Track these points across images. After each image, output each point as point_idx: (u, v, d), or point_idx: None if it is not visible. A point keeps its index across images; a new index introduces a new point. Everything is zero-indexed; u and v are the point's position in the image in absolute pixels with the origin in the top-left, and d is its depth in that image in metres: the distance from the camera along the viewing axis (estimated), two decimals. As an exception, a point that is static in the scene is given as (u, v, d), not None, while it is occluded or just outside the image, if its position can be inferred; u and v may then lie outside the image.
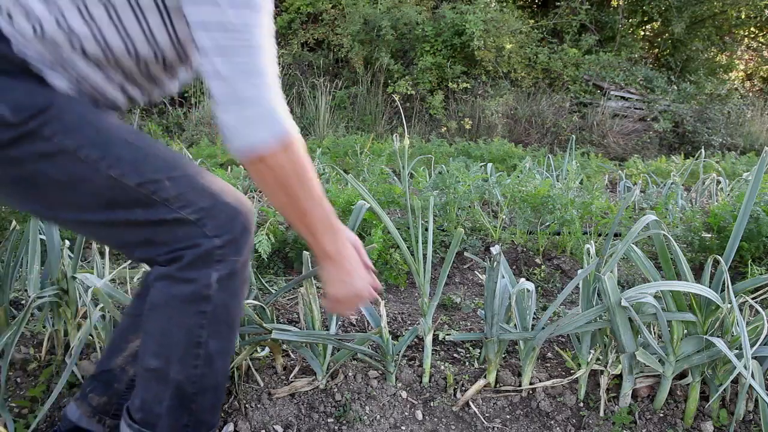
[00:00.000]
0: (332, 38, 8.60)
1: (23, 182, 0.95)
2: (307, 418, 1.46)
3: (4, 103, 0.87)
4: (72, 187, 0.94)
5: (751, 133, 8.35)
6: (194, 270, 1.00)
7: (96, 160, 0.93)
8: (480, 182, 3.23)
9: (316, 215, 1.00)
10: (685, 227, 2.77)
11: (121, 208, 0.96)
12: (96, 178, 0.93)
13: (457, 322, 2.08)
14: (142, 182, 0.95)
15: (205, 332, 1.04)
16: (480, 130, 7.69)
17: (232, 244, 1.01)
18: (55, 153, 0.91)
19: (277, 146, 0.90)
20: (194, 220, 0.98)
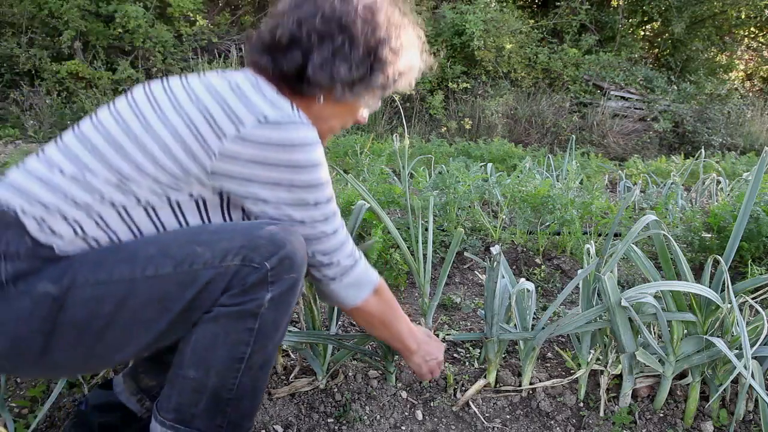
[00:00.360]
0: (332, 38, 8.60)
1: (85, 333, 0.95)
2: (307, 418, 1.46)
3: (47, 280, 0.93)
4: (126, 309, 0.95)
5: (751, 133, 8.35)
6: (248, 295, 1.00)
7: (129, 273, 0.95)
8: (480, 182, 3.24)
9: (404, 331, 1.30)
10: (685, 227, 2.77)
11: (173, 299, 0.97)
12: (138, 288, 0.95)
13: (457, 322, 2.08)
14: (176, 264, 0.96)
15: (250, 348, 1.04)
16: (480, 130, 7.69)
17: (284, 263, 1.01)
18: (94, 292, 0.94)
19: (373, 296, 1.18)
20: (239, 262, 0.98)
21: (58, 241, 0.96)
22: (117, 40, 7.85)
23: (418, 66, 1.20)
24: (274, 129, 0.98)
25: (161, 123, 0.99)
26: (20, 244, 0.93)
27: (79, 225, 0.97)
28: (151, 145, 0.98)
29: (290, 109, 1.01)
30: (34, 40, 7.59)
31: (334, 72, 1.05)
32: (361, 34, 1.06)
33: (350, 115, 1.20)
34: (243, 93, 1.00)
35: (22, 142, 6.42)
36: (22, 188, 0.97)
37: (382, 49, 1.09)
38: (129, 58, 7.83)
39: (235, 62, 7.39)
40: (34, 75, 7.50)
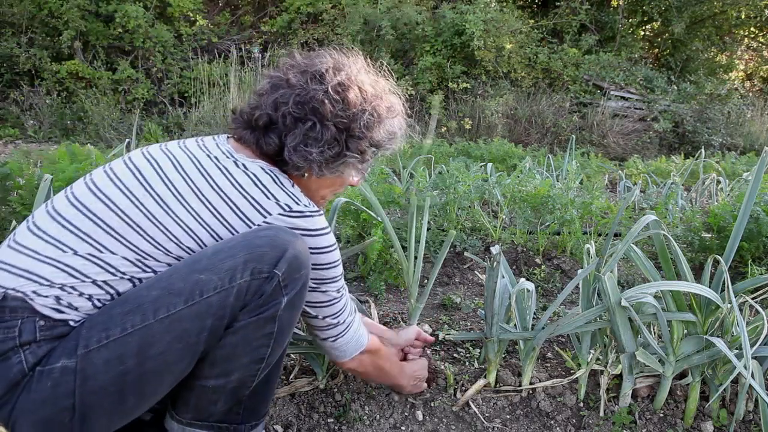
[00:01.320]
0: (332, 38, 8.60)
1: (115, 394, 0.94)
2: (307, 418, 1.46)
3: (63, 356, 0.92)
4: (149, 357, 0.94)
5: (751, 133, 8.35)
6: (265, 305, 1.03)
7: (141, 321, 0.94)
8: (480, 182, 3.23)
9: (396, 374, 1.46)
10: (685, 227, 2.77)
11: (195, 333, 0.97)
12: (155, 333, 0.94)
13: (457, 322, 2.08)
14: (187, 298, 0.96)
15: (270, 349, 1.07)
16: (480, 130, 7.68)
17: (292, 265, 1.03)
18: (112, 351, 0.93)
19: (366, 351, 1.32)
20: (249, 277, 1.00)
21: (74, 314, 0.96)
22: (117, 40, 7.85)
23: (401, 132, 1.23)
24: (298, 218, 1.08)
25: (184, 209, 1.03)
26: (34, 330, 0.93)
27: (97, 298, 0.98)
28: (175, 228, 1.02)
29: (308, 202, 1.12)
30: (34, 40, 7.59)
31: (306, 154, 1.10)
32: (330, 115, 1.10)
33: (338, 185, 1.25)
34: (265, 186, 1.08)
35: (22, 142, 6.42)
36: (31, 272, 0.96)
37: (355, 126, 1.12)
38: (129, 58, 7.83)
39: (236, 62, 7.39)
40: (34, 75, 7.51)
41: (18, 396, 0.90)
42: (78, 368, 0.91)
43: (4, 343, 0.91)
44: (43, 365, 0.91)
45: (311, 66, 1.14)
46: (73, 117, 7.11)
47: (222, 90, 7.16)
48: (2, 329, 0.92)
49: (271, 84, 1.15)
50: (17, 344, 0.91)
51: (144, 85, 7.62)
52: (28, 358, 0.91)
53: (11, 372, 0.90)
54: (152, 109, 7.74)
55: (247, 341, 1.03)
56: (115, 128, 6.77)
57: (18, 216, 2.16)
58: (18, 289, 0.94)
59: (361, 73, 1.18)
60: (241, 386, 1.09)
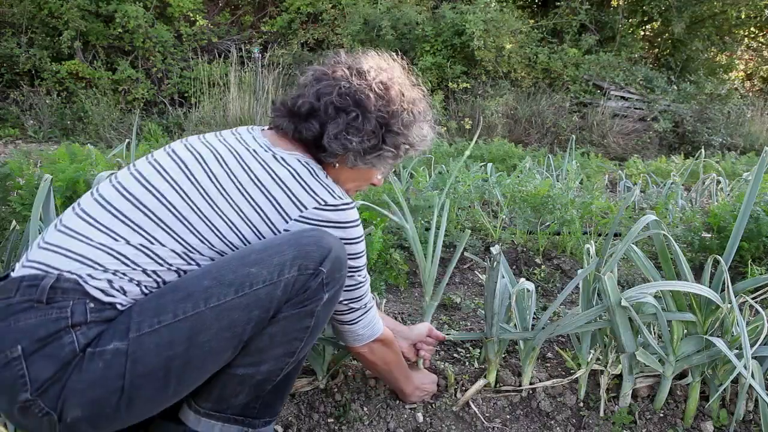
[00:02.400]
0: (332, 38, 8.61)
1: (162, 378, 0.97)
2: (307, 418, 1.46)
3: (115, 339, 0.96)
4: (197, 344, 0.98)
5: (751, 133, 8.35)
6: (308, 299, 1.07)
7: (193, 308, 0.98)
8: (480, 182, 3.23)
9: (402, 373, 1.47)
10: (685, 227, 2.77)
11: (242, 323, 1.01)
12: (206, 320, 0.98)
13: (457, 322, 2.08)
14: (237, 289, 1.00)
15: (303, 343, 1.11)
16: (480, 130, 7.68)
17: (335, 264, 1.08)
18: (163, 336, 0.96)
19: (380, 339, 1.34)
20: (296, 273, 1.04)
21: (122, 299, 1.01)
22: (117, 40, 7.85)
23: (430, 136, 1.29)
24: (332, 211, 1.12)
25: (228, 203, 1.07)
26: (85, 311, 0.96)
27: (144, 285, 1.03)
28: (219, 223, 1.06)
29: (342, 193, 1.16)
30: (34, 40, 7.59)
31: (347, 142, 1.15)
32: (374, 109, 1.16)
33: (364, 180, 1.30)
34: (303, 180, 1.12)
35: (22, 142, 6.42)
36: (87, 257, 1.00)
37: (394, 123, 1.19)
38: (129, 57, 7.83)
39: (236, 62, 7.39)
40: (34, 75, 7.51)
41: (69, 375, 0.92)
42: (129, 351, 0.94)
43: (57, 323, 0.94)
44: (94, 347, 0.94)
45: (356, 63, 1.21)
46: (73, 117, 7.11)
47: (222, 90, 7.16)
48: (56, 309, 0.95)
49: (315, 77, 1.20)
50: (69, 324, 0.94)
51: (144, 85, 7.62)
52: (80, 339, 0.94)
53: (63, 351, 0.92)
54: (152, 109, 7.74)
55: (285, 332, 1.08)
56: (115, 128, 6.77)
57: (18, 216, 2.16)
58: (73, 271, 0.98)
59: (402, 76, 1.26)
60: (267, 380, 1.12)
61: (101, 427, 0.98)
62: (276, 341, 1.08)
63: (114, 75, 7.57)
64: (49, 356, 0.92)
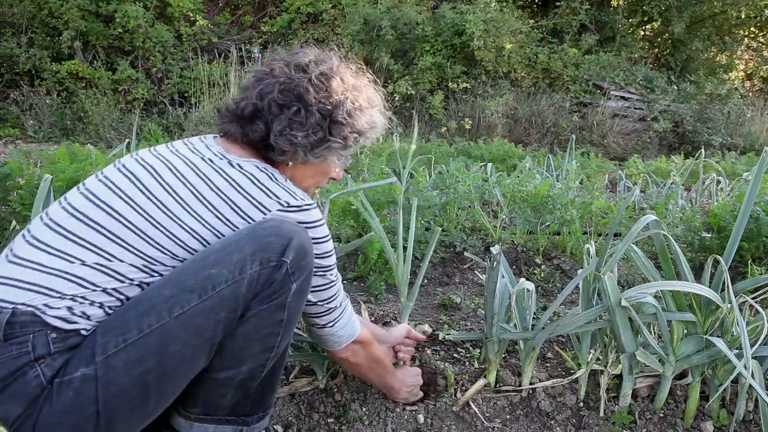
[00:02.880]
0: (332, 38, 8.60)
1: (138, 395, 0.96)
2: (307, 418, 1.46)
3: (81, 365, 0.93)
4: (168, 356, 0.96)
5: (751, 133, 8.35)
6: (276, 293, 1.05)
7: (157, 320, 0.96)
8: (480, 182, 3.23)
9: (388, 371, 1.46)
10: (685, 227, 2.77)
11: (210, 327, 1.00)
12: (173, 330, 0.96)
13: (457, 322, 2.08)
14: (200, 293, 0.98)
15: (280, 337, 1.10)
16: (480, 130, 7.68)
17: (299, 253, 1.06)
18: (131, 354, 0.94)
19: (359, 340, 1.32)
20: (259, 267, 1.02)
21: (86, 323, 0.97)
22: (117, 40, 7.85)
23: (381, 123, 1.28)
24: (295, 212, 1.11)
25: (186, 213, 1.05)
26: (47, 343, 0.93)
27: (108, 305, 1.00)
28: (179, 232, 1.04)
29: (304, 195, 1.15)
30: (34, 40, 7.59)
31: (292, 137, 1.14)
32: (314, 101, 1.15)
33: (322, 175, 1.28)
34: (263, 184, 1.11)
35: (22, 142, 6.42)
36: (41, 285, 0.96)
37: (337, 113, 1.17)
38: (129, 57, 7.83)
39: (236, 62, 7.39)
40: (34, 75, 7.51)
41: (40, 410, 0.90)
42: (99, 375, 0.92)
43: (19, 359, 0.91)
44: (62, 376, 0.91)
45: (294, 59, 1.20)
46: (73, 117, 7.11)
47: (222, 90, 7.16)
48: (15, 345, 0.91)
49: (256, 77, 1.20)
50: (32, 359, 0.91)
51: (144, 85, 7.62)
52: (45, 372, 0.91)
53: (29, 387, 0.90)
54: (152, 109, 7.74)
55: (258, 330, 1.06)
56: (115, 128, 6.77)
57: (18, 216, 2.16)
58: (28, 303, 0.94)
59: (342, 66, 1.24)
60: (251, 377, 1.11)
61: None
62: (251, 340, 1.06)
63: (114, 75, 7.57)
64: (15, 395, 0.90)
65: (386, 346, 1.58)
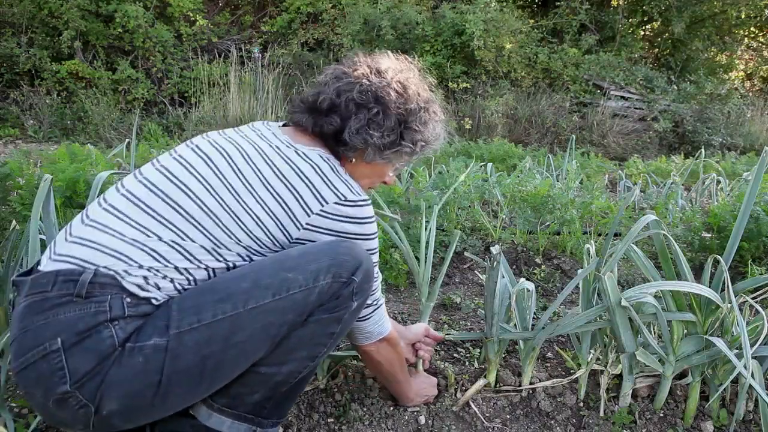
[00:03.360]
0: (332, 38, 8.60)
1: (197, 375, 1.00)
2: (307, 418, 1.46)
3: (155, 335, 0.98)
4: (233, 345, 1.01)
5: (751, 133, 8.35)
6: (338, 306, 1.11)
7: (232, 309, 1.01)
8: (480, 182, 3.23)
9: (404, 376, 1.46)
10: (685, 227, 2.77)
11: (277, 325, 1.05)
12: (244, 321, 1.01)
13: (457, 321, 2.08)
14: (275, 293, 1.03)
15: (326, 348, 1.15)
16: (480, 130, 7.68)
17: (366, 275, 1.13)
18: (202, 334, 0.99)
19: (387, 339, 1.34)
20: (331, 280, 1.08)
21: (157, 294, 1.03)
22: (117, 40, 7.85)
23: (443, 135, 1.33)
24: (351, 207, 1.15)
25: (253, 198, 1.09)
26: (123, 306, 0.98)
27: (178, 282, 1.05)
28: (245, 217, 1.08)
29: (360, 189, 1.19)
30: (34, 40, 7.58)
31: (368, 137, 1.19)
32: (393, 106, 1.20)
33: (378, 177, 1.33)
34: (324, 174, 1.15)
35: (22, 142, 6.42)
36: (122, 252, 1.02)
37: (412, 120, 1.23)
38: (129, 57, 7.83)
39: (236, 62, 7.38)
40: (34, 75, 7.50)
41: (108, 369, 0.94)
42: (169, 347, 0.96)
43: (96, 317, 0.96)
44: (134, 341, 0.96)
45: (375, 63, 1.26)
46: (73, 117, 7.11)
47: (222, 90, 7.16)
48: (94, 303, 0.97)
49: (334, 75, 1.24)
50: (108, 318, 0.96)
51: (144, 85, 7.62)
52: (119, 333, 0.96)
53: (103, 345, 0.95)
54: (152, 109, 7.74)
55: (312, 336, 1.12)
56: (115, 128, 6.77)
57: (18, 216, 2.16)
58: (110, 267, 1.00)
59: (417, 77, 1.30)
60: (285, 381, 1.15)
61: (133, 420, 1.00)
62: (303, 343, 1.11)
63: (114, 75, 7.57)
64: (88, 349, 0.94)
65: (405, 343, 1.60)
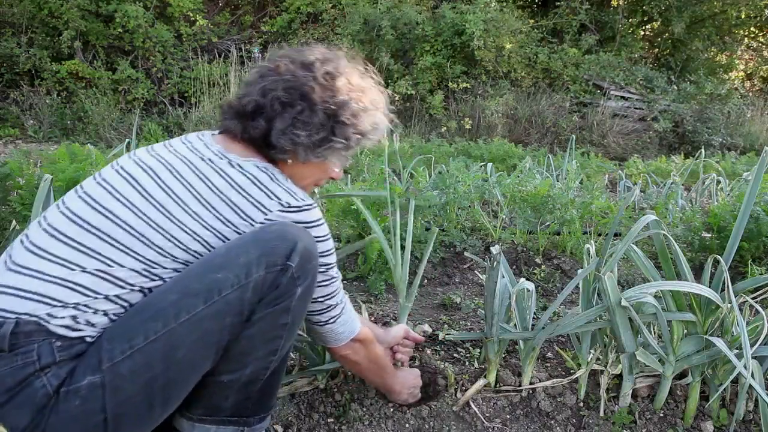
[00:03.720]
0: (332, 38, 8.60)
1: (144, 401, 0.96)
2: (307, 418, 1.46)
3: (87, 373, 0.92)
4: (175, 361, 0.96)
5: (751, 133, 8.35)
6: (281, 297, 1.05)
7: (163, 326, 0.95)
8: (480, 182, 3.23)
9: (388, 371, 1.45)
10: (685, 227, 2.77)
11: (216, 331, 0.99)
12: (179, 336, 0.95)
13: (457, 322, 2.08)
14: (206, 298, 0.97)
15: (283, 340, 1.10)
16: (480, 130, 7.68)
17: (303, 256, 1.05)
18: (138, 360, 0.94)
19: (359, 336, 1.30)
20: (264, 272, 1.02)
21: (91, 331, 0.96)
22: (117, 40, 7.85)
23: (384, 125, 1.26)
24: (296, 212, 1.10)
25: (186, 214, 1.03)
26: (52, 351, 0.92)
27: (112, 313, 0.99)
28: (179, 234, 1.02)
29: (304, 195, 1.13)
30: (34, 40, 7.58)
31: (294, 137, 1.12)
32: (320, 100, 1.12)
33: (321, 174, 1.25)
34: (263, 185, 1.09)
35: (22, 142, 6.42)
36: (42, 294, 0.95)
37: (342, 113, 1.15)
38: (129, 57, 7.83)
39: (236, 62, 7.39)
40: (34, 75, 7.50)
41: (47, 419, 0.90)
42: (106, 382, 0.91)
43: (24, 369, 0.90)
44: (68, 385, 0.91)
45: (300, 56, 1.17)
46: (73, 117, 7.11)
47: (222, 90, 7.16)
48: (20, 355, 0.90)
49: (260, 74, 1.17)
50: (38, 368, 0.90)
51: (144, 85, 7.62)
52: (51, 381, 0.91)
53: (36, 397, 0.89)
54: (152, 109, 7.74)
55: (263, 333, 1.06)
56: (115, 128, 6.77)
57: (18, 216, 2.16)
58: (31, 313, 0.93)
59: (348, 66, 1.22)
60: (254, 380, 1.11)
61: None
62: (256, 343, 1.06)
63: (114, 75, 7.57)
64: (22, 405, 0.89)
65: (384, 347, 1.57)
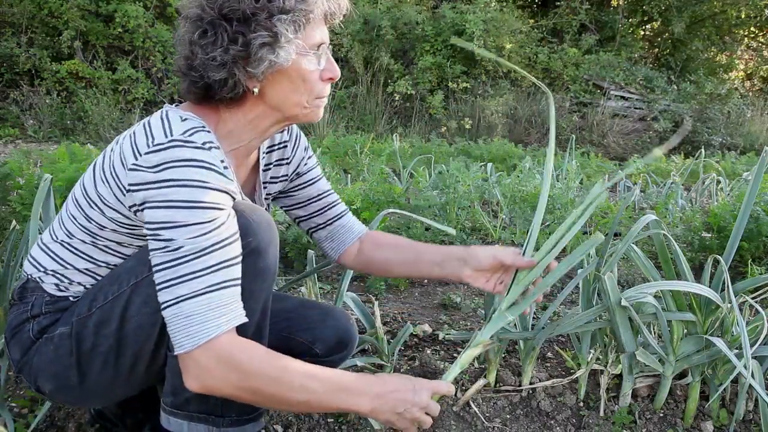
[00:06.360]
0: (332, 38, 8.59)
1: (103, 354, 1.07)
2: (307, 418, 1.46)
3: (61, 325, 1.10)
4: (127, 321, 1.05)
5: (751, 133, 8.35)
6: None
7: (118, 289, 1.06)
8: (480, 182, 3.24)
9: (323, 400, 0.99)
10: (685, 227, 2.78)
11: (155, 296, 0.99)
12: (128, 298, 1.05)
13: (457, 322, 2.08)
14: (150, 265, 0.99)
15: None
16: (480, 130, 7.69)
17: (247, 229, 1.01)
18: (97, 317, 1.06)
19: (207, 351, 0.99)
20: None
21: (75, 290, 1.12)
22: (117, 40, 7.85)
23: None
24: (156, 152, 0.95)
25: (96, 176, 1.07)
26: (41, 304, 1.11)
27: (86, 285, 1.12)
28: (95, 196, 1.06)
29: (182, 130, 0.97)
30: (34, 40, 7.58)
31: (213, 62, 0.98)
32: (209, 10, 0.97)
33: (302, 83, 1.06)
34: (148, 126, 1.00)
35: (22, 142, 6.42)
36: (37, 259, 1.13)
37: (241, 6, 0.96)
38: (129, 57, 7.83)
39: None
40: (34, 75, 7.50)
41: (32, 357, 1.10)
42: (73, 332, 1.07)
43: (22, 315, 1.11)
44: (48, 333, 1.09)
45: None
46: (73, 117, 7.11)
47: (222, 90, 7.16)
48: (23, 305, 1.12)
49: (179, 28, 1.06)
50: (29, 316, 1.11)
51: (144, 85, 7.62)
52: (34, 328, 1.11)
53: (24, 337, 1.11)
54: (152, 109, 7.73)
55: None
56: (115, 128, 6.78)
57: (18, 216, 2.16)
58: (32, 274, 1.13)
59: None
60: None
61: (76, 398, 1.13)
62: None
63: (114, 75, 7.57)
64: (17, 342, 1.12)
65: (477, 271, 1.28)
